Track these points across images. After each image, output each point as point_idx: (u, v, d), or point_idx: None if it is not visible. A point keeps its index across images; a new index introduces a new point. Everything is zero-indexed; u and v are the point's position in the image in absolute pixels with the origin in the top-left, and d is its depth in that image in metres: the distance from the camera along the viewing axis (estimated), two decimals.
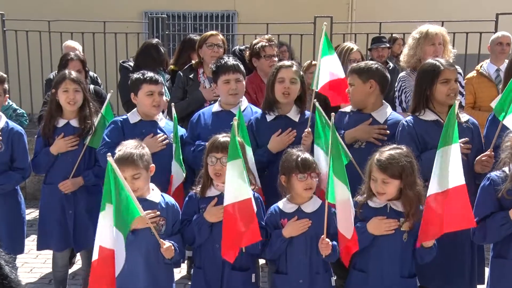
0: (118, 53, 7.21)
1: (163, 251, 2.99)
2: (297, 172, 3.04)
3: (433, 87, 3.31)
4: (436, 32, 4.23)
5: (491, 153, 3.22)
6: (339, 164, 2.88)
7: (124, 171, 2.97)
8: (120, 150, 3.08)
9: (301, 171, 3.04)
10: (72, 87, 3.85)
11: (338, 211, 2.91)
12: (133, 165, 3.02)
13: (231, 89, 3.80)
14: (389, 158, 2.90)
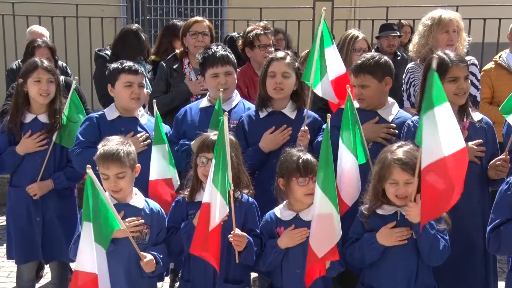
0: (93, 41, 7.19)
1: (143, 264, 3.01)
2: (297, 175, 3.04)
3: None
4: (451, 18, 4.22)
5: (507, 157, 3.24)
6: (327, 175, 2.88)
7: (108, 168, 2.99)
8: (105, 145, 3.09)
9: (302, 174, 3.03)
10: (46, 77, 3.84)
11: (314, 225, 2.89)
12: (119, 163, 3.03)
13: (220, 84, 3.80)
14: (407, 155, 2.88)
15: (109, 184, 3.04)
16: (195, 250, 3.00)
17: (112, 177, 3.02)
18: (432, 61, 2.83)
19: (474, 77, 4.34)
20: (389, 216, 2.96)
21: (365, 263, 3.01)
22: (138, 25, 5.68)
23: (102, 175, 3.03)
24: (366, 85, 3.53)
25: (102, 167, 3.01)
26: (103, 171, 3.02)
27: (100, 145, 3.13)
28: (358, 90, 3.55)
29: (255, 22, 5.19)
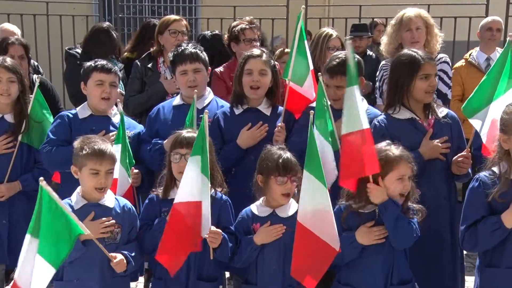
0: (64, 39, 7.11)
1: (113, 265, 3.00)
2: (276, 174, 3.05)
3: (412, 83, 3.33)
4: (411, 17, 4.28)
5: (468, 154, 3.29)
6: (318, 167, 2.91)
7: (101, 164, 3.02)
8: (93, 143, 3.08)
9: (281, 173, 3.05)
10: (6, 76, 3.79)
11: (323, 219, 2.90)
12: (111, 159, 3.09)
13: (188, 81, 3.80)
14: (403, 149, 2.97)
15: (98, 180, 3.03)
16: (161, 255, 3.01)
17: (103, 173, 3.04)
18: None
19: (446, 75, 4.41)
20: (367, 214, 2.99)
21: (344, 261, 3.04)
22: (109, 23, 5.65)
23: (92, 170, 3.02)
24: (342, 86, 3.51)
25: (94, 163, 3.01)
26: (95, 167, 3.02)
27: (77, 143, 3.11)
28: (333, 91, 3.56)
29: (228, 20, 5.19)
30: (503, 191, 2.76)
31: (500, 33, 5.67)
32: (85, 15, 7.61)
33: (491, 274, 2.88)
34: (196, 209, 2.95)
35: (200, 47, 3.95)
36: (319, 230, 2.91)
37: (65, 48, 5.71)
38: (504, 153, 2.82)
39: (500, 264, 2.85)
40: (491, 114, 3.21)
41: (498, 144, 2.85)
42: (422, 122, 3.39)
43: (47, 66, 6.89)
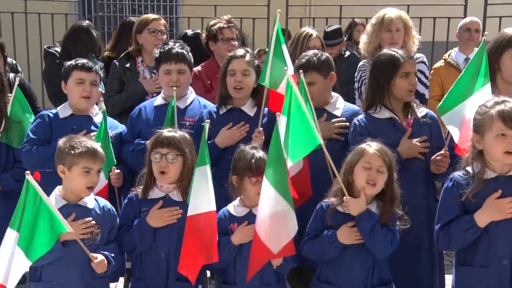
0: (43, 37, 7.05)
1: (94, 266, 3.00)
2: (250, 174, 3.08)
3: (392, 82, 3.37)
4: (392, 18, 4.34)
5: (446, 153, 3.34)
6: (278, 172, 2.94)
7: (94, 162, 3.04)
8: (84, 142, 3.08)
9: (254, 174, 3.07)
10: None
11: (269, 224, 2.94)
12: (102, 158, 3.10)
13: (171, 81, 3.81)
14: (382, 146, 3.02)
15: (89, 179, 3.04)
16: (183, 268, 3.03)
17: (95, 172, 3.06)
18: None
19: (423, 75, 4.47)
20: (349, 215, 3.01)
21: (324, 259, 3.08)
22: (89, 22, 5.62)
23: (85, 168, 3.03)
24: (314, 82, 3.59)
25: (87, 161, 3.02)
26: (88, 165, 3.03)
27: (62, 141, 3.10)
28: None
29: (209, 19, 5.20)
30: (475, 191, 2.80)
31: (478, 34, 5.76)
32: (65, 13, 7.55)
33: (465, 272, 2.92)
34: (210, 219, 2.96)
35: (186, 48, 3.96)
36: (263, 232, 2.94)
37: (44, 46, 5.67)
38: (477, 153, 2.85)
39: (473, 263, 2.89)
40: (462, 112, 3.26)
41: (471, 144, 2.89)
42: (401, 121, 3.44)
43: (25, 65, 6.83)
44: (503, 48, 3.45)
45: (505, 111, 2.74)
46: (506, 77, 3.42)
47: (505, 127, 2.73)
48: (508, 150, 2.73)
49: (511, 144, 2.73)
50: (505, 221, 2.78)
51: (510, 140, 2.73)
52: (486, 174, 2.82)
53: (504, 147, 2.74)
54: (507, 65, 3.43)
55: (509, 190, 2.78)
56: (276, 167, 2.93)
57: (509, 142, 2.73)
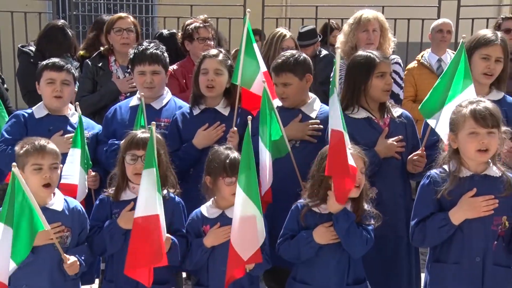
0: (16, 36, 6.95)
1: (66, 267, 2.96)
2: (224, 175, 3.06)
3: (368, 82, 3.40)
4: (369, 18, 4.38)
5: (423, 152, 3.38)
6: (249, 177, 2.94)
7: (43, 158, 2.96)
8: (32, 140, 3.02)
9: (228, 174, 3.06)
10: None
11: (238, 228, 2.94)
12: (54, 152, 3.01)
13: (145, 82, 3.79)
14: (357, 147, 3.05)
15: (42, 176, 2.96)
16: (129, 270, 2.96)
17: (47, 168, 2.96)
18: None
19: (398, 75, 4.50)
20: (325, 215, 3.03)
21: (300, 260, 3.07)
22: (64, 21, 5.56)
23: (34, 165, 2.96)
24: (288, 83, 3.59)
25: (36, 158, 2.94)
26: (37, 161, 2.95)
27: (18, 147, 3.05)
28: (280, 89, 3.61)
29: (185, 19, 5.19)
30: (451, 189, 2.84)
31: (450, 35, 5.84)
32: (38, 12, 7.46)
33: (439, 269, 2.96)
34: (156, 222, 2.91)
35: (162, 48, 3.93)
36: (235, 238, 2.95)
37: (17, 45, 5.60)
38: (454, 151, 2.90)
39: (447, 260, 2.93)
40: (447, 115, 3.29)
41: (448, 143, 2.93)
42: (378, 121, 3.46)
43: None
44: (473, 49, 3.50)
45: (477, 110, 2.80)
46: (476, 77, 3.48)
47: (476, 126, 2.78)
48: (480, 148, 2.79)
49: (482, 142, 2.78)
50: (478, 219, 2.82)
51: (482, 138, 2.78)
52: (462, 173, 2.86)
53: (476, 145, 2.79)
54: (476, 65, 3.48)
55: (484, 189, 2.83)
56: (247, 171, 2.93)
57: (481, 141, 2.78)
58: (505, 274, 2.91)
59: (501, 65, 3.47)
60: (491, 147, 2.80)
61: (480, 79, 3.48)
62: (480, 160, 2.84)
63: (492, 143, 2.79)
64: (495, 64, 3.45)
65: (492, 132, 2.79)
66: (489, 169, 2.87)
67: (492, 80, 3.50)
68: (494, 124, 2.79)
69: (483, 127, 2.78)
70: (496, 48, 3.45)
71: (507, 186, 2.83)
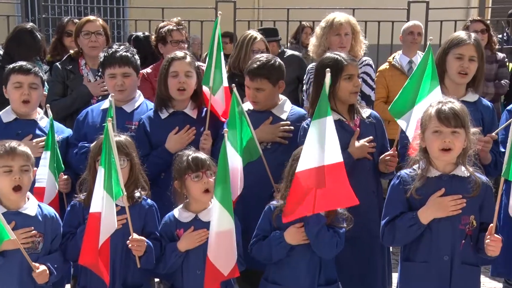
0: None
1: (35, 276, 2.92)
2: (189, 172, 3.07)
3: (336, 84, 3.42)
4: (341, 22, 4.42)
5: (395, 152, 3.42)
6: (226, 189, 2.94)
7: (13, 159, 2.92)
8: (2, 142, 2.97)
9: (193, 170, 3.07)
10: None
11: (216, 242, 2.94)
12: (25, 155, 2.97)
13: (116, 85, 3.76)
14: None
15: (11, 178, 2.92)
16: (85, 261, 2.97)
17: (17, 170, 2.93)
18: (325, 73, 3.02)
19: (369, 77, 4.56)
20: None
21: (272, 260, 3.09)
22: (33, 24, 5.50)
23: (4, 167, 2.92)
24: (262, 89, 3.59)
25: (5, 160, 2.91)
26: (7, 163, 2.91)
27: None
28: (253, 93, 3.61)
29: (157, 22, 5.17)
30: (418, 187, 2.88)
31: (421, 37, 5.92)
32: (6, 15, 7.35)
33: (409, 268, 3.00)
34: (97, 221, 2.92)
35: (132, 50, 3.91)
36: (214, 253, 2.95)
37: None
38: (423, 151, 2.94)
39: (416, 259, 2.96)
40: (416, 116, 3.33)
41: (419, 142, 2.97)
42: (349, 123, 3.49)
43: None
44: (447, 49, 3.57)
45: (441, 110, 2.86)
46: (452, 77, 3.54)
47: (439, 124, 2.84)
48: (443, 147, 2.84)
49: (444, 141, 2.83)
50: (447, 219, 2.87)
51: (445, 137, 2.83)
52: (430, 172, 2.91)
53: (439, 144, 2.84)
54: (450, 65, 3.54)
55: (452, 189, 2.87)
56: (224, 184, 2.94)
57: (443, 139, 2.83)
58: (473, 272, 2.97)
59: (475, 64, 3.53)
60: (454, 146, 2.84)
61: (456, 78, 3.54)
62: (443, 159, 2.89)
63: (456, 142, 2.84)
64: (469, 63, 3.51)
65: (456, 131, 2.84)
66: (457, 169, 2.92)
67: (467, 79, 3.56)
68: (458, 124, 2.84)
69: (447, 126, 2.83)
70: (469, 47, 3.51)
71: (475, 187, 2.88)
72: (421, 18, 6.55)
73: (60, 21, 5.40)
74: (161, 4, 7.01)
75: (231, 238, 2.97)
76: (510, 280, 3.73)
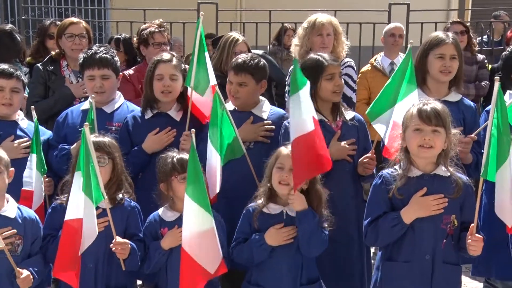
0: None
1: (19, 282, 2.90)
2: (175, 173, 3.08)
3: (318, 84, 3.45)
4: (323, 23, 4.46)
5: (373, 155, 3.45)
6: (200, 188, 2.94)
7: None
8: None
9: (179, 171, 3.08)
10: None
11: (199, 243, 2.94)
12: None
13: (95, 87, 3.75)
14: None
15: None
16: (59, 272, 2.95)
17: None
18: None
19: (351, 78, 4.58)
20: (276, 216, 3.05)
21: (254, 263, 3.09)
22: (13, 26, 5.44)
23: None
24: (245, 84, 3.61)
25: None
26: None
27: None
28: (235, 87, 3.63)
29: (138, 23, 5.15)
30: (400, 186, 2.91)
31: (402, 39, 5.96)
32: None
33: (390, 267, 3.01)
34: (78, 227, 2.90)
35: (112, 52, 3.89)
36: (197, 253, 2.94)
37: None
38: (405, 151, 2.97)
39: (398, 258, 2.98)
40: (392, 118, 3.37)
41: (401, 142, 3.00)
42: (330, 123, 3.51)
43: None
44: (427, 50, 3.60)
45: (423, 109, 2.90)
46: (434, 76, 3.58)
47: (420, 122, 2.87)
48: (423, 144, 2.87)
49: (424, 139, 2.86)
50: (429, 218, 2.89)
51: (425, 135, 2.86)
52: (412, 172, 2.93)
53: (419, 141, 2.87)
54: (432, 65, 3.58)
55: (433, 188, 2.90)
56: (196, 182, 2.94)
57: (423, 137, 2.86)
58: (454, 271, 3.00)
59: (456, 62, 3.58)
60: (434, 144, 2.88)
61: (439, 77, 3.58)
62: (423, 156, 2.91)
63: (436, 141, 2.87)
64: (451, 61, 3.56)
65: (437, 130, 2.87)
66: (438, 169, 2.95)
67: (450, 76, 3.60)
68: (439, 124, 2.87)
69: (427, 124, 2.87)
70: (449, 46, 3.56)
71: (457, 188, 2.91)
72: (402, 20, 6.61)
73: (42, 24, 5.35)
74: (143, 6, 6.98)
75: (213, 237, 2.96)
76: (490, 280, 3.77)
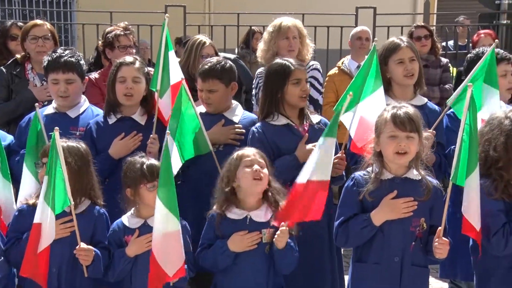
0: None
1: None
2: (145, 181, 3.03)
3: (285, 89, 3.45)
4: (289, 26, 4.46)
5: (343, 155, 3.45)
6: (170, 191, 2.92)
7: None
8: None
9: (149, 179, 3.03)
10: None
11: (162, 244, 2.92)
12: None
13: (59, 91, 3.68)
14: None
15: None
16: (26, 272, 2.92)
17: None
18: None
19: (317, 81, 4.60)
20: (240, 221, 3.04)
21: (218, 269, 3.08)
22: None
23: None
24: (214, 90, 3.60)
25: None
26: None
27: None
28: (206, 95, 3.62)
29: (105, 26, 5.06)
30: (371, 189, 2.92)
31: (369, 42, 5.98)
32: None
33: (360, 268, 3.03)
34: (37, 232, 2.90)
35: (78, 56, 3.82)
36: (160, 254, 2.93)
37: None
38: (377, 154, 2.98)
39: (368, 260, 2.99)
40: (359, 113, 3.41)
41: (373, 146, 3.01)
42: (297, 127, 3.52)
43: None
44: (386, 57, 3.63)
45: (397, 115, 2.91)
46: (399, 81, 3.60)
47: (395, 129, 2.88)
48: (398, 151, 2.88)
49: (399, 145, 2.87)
50: (398, 221, 2.91)
51: (400, 141, 2.87)
52: (384, 175, 2.95)
53: (394, 147, 2.88)
54: (394, 71, 3.61)
55: (404, 191, 2.92)
56: (167, 185, 2.91)
57: (399, 143, 2.87)
58: (422, 273, 3.02)
59: (417, 63, 3.62)
60: (409, 150, 2.89)
61: (404, 81, 3.62)
62: (399, 162, 2.93)
63: (411, 146, 2.89)
64: (411, 64, 3.60)
65: (411, 136, 2.89)
66: (409, 172, 2.97)
67: (414, 79, 3.63)
68: (412, 129, 2.89)
69: (402, 130, 2.88)
70: (405, 50, 3.61)
71: (427, 191, 2.93)
72: (369, 24, 6.66)
73: (3, 25, 5.21)
74: (109, 8, 6.88)
75: (178, 240, 2.94)
76: (455, 281, 3.81)
